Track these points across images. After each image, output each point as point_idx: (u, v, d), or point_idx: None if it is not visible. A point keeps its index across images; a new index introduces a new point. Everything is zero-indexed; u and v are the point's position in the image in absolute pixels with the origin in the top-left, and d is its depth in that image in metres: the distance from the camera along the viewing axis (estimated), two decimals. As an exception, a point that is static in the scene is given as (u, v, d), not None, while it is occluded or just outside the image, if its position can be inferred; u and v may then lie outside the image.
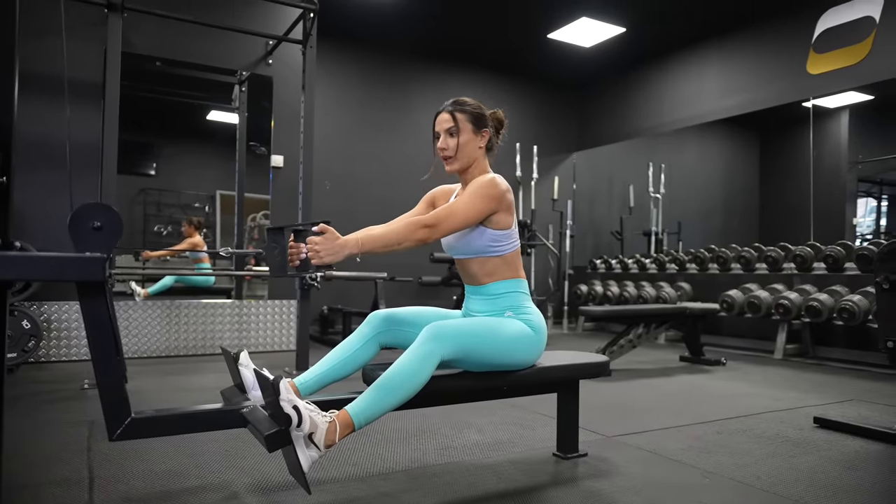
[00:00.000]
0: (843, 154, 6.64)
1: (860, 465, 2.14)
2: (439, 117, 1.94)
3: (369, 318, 1.93)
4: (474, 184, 1.84)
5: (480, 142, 1.94)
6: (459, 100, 1.95)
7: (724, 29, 6.09)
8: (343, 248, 1.62)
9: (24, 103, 4.05)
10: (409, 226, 1.72)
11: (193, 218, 5.51)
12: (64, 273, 1.29)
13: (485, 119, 1.95)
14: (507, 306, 1.91)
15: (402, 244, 1.71)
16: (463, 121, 1.91)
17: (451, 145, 1.90)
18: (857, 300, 4.34)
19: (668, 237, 7.50)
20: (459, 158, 1.91)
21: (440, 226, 1.74)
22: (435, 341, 1.66)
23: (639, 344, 4.16)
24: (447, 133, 1.91)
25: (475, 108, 1.94)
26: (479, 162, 1.95)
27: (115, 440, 1.46)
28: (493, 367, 1.84)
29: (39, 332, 3.70)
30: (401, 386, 1.61)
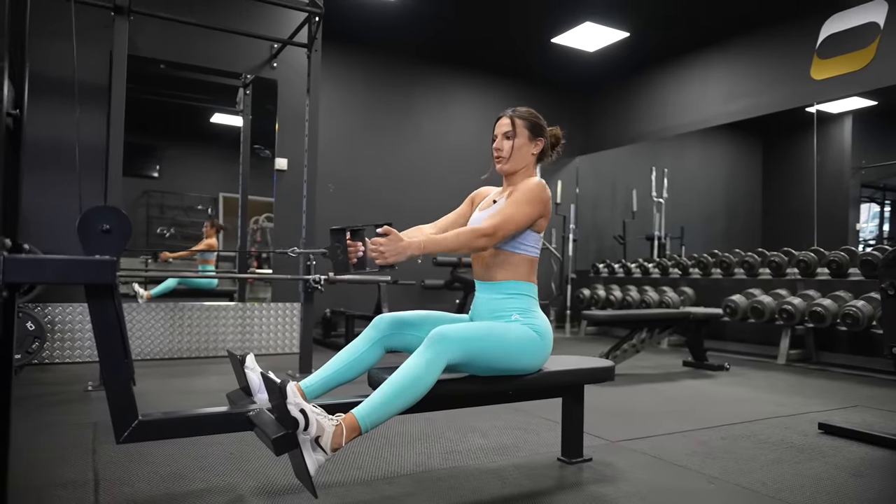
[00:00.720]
0: (847, 159, 6.63)
1: (866, 471, 2.13)
2: (499, 121, 2.04)
3: (375, 321, 1.93)
4: (525, 188, 1.91)
5: (534, 149, 2.02)
6: (519, 108, 2.06)
7: (728, 34, 6.10)
8: (406, 249, 1.68)
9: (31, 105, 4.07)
10: (470, 234, 1.80)
11: (216, 220, 5.53)
12: (74, 276, 1.29)
13: (542, 129, 2.04)
14: (515, 307, 1.91)
15: (461, 250, 1.81)
16: (520, 126, 2.00)
17: (505, 147, 1.99)
18: (860, 306, 4.34)
19: (671, 242, 7.49)
20: (511, 160, 1.99)
21: (498, 233, 1.83)
22: (441, 345, 1.66)
23: (642, 349, 4.15)
24: (504, 136, 2.00)
25: (533, 116, 2.04)
26: (529, 168, 2.04)
27: (122, 442, 1.46)
28: (499, 372, 1.84)
29: (43, 333, 3.71)
30: (407, 390, 1.61)
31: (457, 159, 6.81)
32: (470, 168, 6.87)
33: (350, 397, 1.75)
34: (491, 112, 7.02)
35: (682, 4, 5.57)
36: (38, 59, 4.06)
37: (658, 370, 4.38)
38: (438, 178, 6.70)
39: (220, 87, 5.43)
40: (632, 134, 7.25)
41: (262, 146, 5.36)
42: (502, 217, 1.84)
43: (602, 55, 6.56)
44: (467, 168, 6.87)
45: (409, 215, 6.44)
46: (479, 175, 6.84)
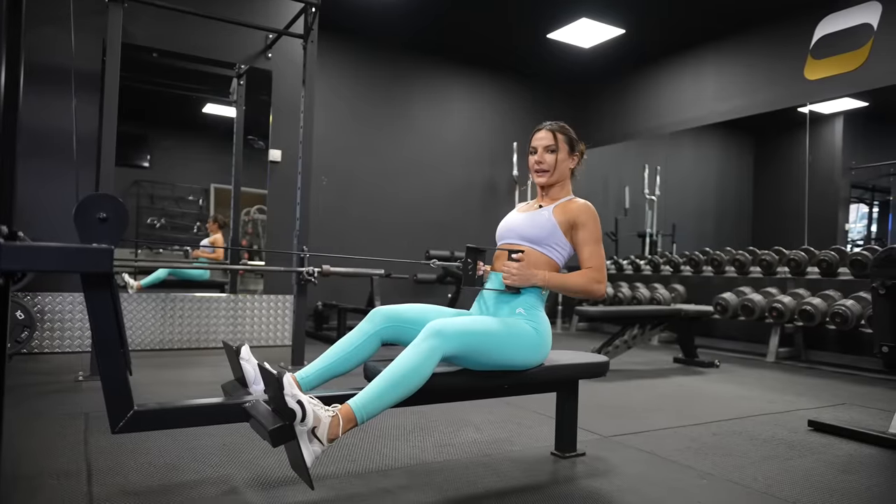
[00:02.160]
0: (837, 160, 6.67)
1: (855, 468, 2.16)
2: (539, 134, 2.10)
3: (371, 314, 1.93)
4: (591, 220, 1.99)
5: (571, 163, 2.11)
6: (556, 123, 2.13)
7: (723, 32, 6.11)
8: (532, 278, 1.89)
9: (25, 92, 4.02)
10: (589, 280, 1.95)
11: (218, 216, 5.50)
12: (71, 264, 1.28)
13: (577, 144, 2.13)
14: (522, 302, 1.94)
15: (579, 293, 1.97)
16: (562, 141, 2.07)
17: (549, 161, 2.06)
18: (850, 305, 4.38)
19: (663, 239, 7.52)
20: (554, 173, 2.06)
21: (604, 281, 1.99)
22: (437, 338, 1.67)
23: (633, 345, 4.18)
24: (546, 149, 2.07)
25: (572, 133, 2.12)
26: (566, 182, 2.12)
27: (117, 432, 1.45)
28: (495, 367, 1.85)
29: (33, 322, 3.68)
30: (403, 381, 1.61)
31: (451, 153, 6.80)
32: (463, 163, 6.87)
33: (346, 389, 1.75)
34: (485, 106, 7.01)
35: (677, 2, 5.58)
36: (31, 45, 4.00)
37: (649, 366, 4.40)
38: (433, 171, 6.69)
39: (213, 77, 5.38)
40: (625, 131, 7.27)
41: (256, 137, 5.32)
42: (601, 261, 1.98)
43: (597, 52, 6.56)
44: (461, 163, 6.87)
45: (403, 207, 6.46)
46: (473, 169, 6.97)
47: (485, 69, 7.03)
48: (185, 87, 5.52)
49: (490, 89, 7.06)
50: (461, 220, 6.74)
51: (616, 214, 7.65)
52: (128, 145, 5.51)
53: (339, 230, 6.04)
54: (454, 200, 6.79)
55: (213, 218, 5.51)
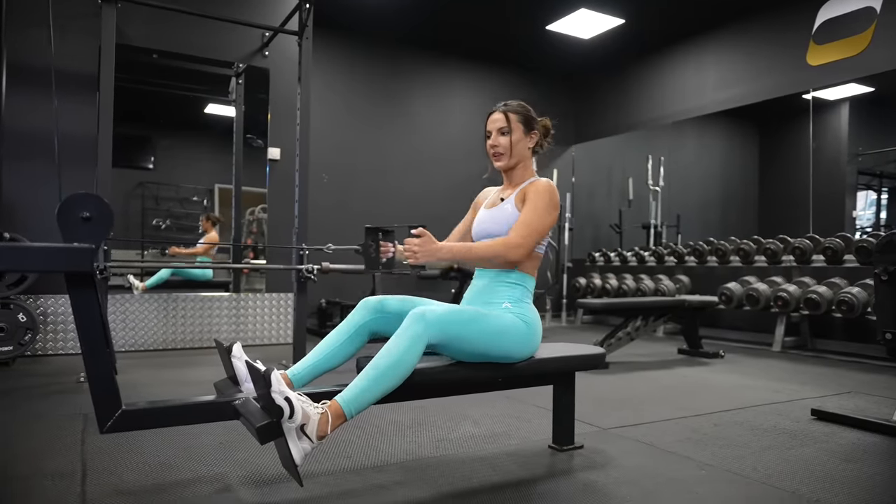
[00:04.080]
0: (843, 146, 6.60)
1: (858, 456, 2.13)
2: (492, 116, 2.04)
3: (360, 304, 1.92)
4: (541, 194, 1.92)
5: (529, 142, 2.05)
6: (511, 102, 2.06)
7: (724, 20, 6.05)
8: (438, 252, 1.76)
9: (20, 94, 4.03)
10: (504, 245, 1.85)
11: (211, 214, 5.49)
12: (52, 264, 1.27)
13: (535, 121, 2.06)
14: (508, 296, 1.93)
15: (495, 260, 1.87)
16: (515, 121, 2.01)
17: (503, 143, 2.01)
18: (856, 292, 4.33)
19: (668, 230, 7.47)
20: (511, 156, 2.01)
21: (528, 244, 1.88)
22: (419, 324, 1.65)
23: (637, 336, 4.15)
24: (499, 132, 2.02)
25: (525, 110, 2.06)
26: (527, 162, 2.07)
27: (105, 432, 1.45)
28: (482, 358, 1.82)
29: (36, 325, 3.69)
30: (388, 372, 1.60)
31: (451, 147, 6.78)
32: (464, 156, 6.84)
33: (337, 385, 1.74)
34: (486, 100, 6.97)
35: (677, -10, 5.54)
36: (25, 48, 4.02)
37: (653, 358, 4.37)
38: (433, 167, 6.67)
39: (212, 77, 5.38)
40: (628, 122, 7.22)
41: (255, 136, 5.32)
42: (530, 227, 1.88)
43: (597, 42, 6.51)
44: (462, 156, 6.84)
45: (405, 203, 6.44)
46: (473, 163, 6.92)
47: (484, 63, 6.99)
48: (185, 88, 5.52)
49: (490, 83, 7.03)
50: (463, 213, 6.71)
51: (620, 206, 7.61)
52: (131, 147, 5.53)
53: (341, 227, 6.02)
54: (455, 194, 6.74)
55: (205, 216, 5.49)
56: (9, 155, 4.00)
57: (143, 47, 4.57)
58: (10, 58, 3.87)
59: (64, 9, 4.08)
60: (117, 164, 5.44)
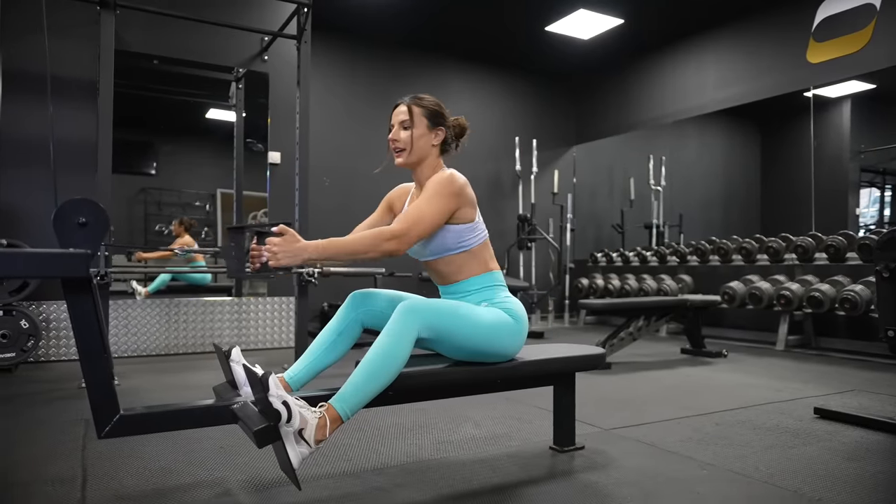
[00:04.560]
0: (846, 144, 6.59)
1: (861, 455, 2.12)
2: (395, 109, 1.93)
3: (350, 298, 1.93)
4: (432, 183, 1.81)
5: (434, 139, 1.92)
6: (419, 95, 1.94)
7: (724, 18, 6.04)
8: (303, 252, 1.60)
9: (20, 101, 4.05)
10: (377, 236, 1.68)
11: (184, 218, 5.46)
12: (47, 270, 1.28)
13: (442, 118, 1.93)
14: (482, 300, 1.90)
15: (369, 254, 1.67)
16: (418, 115, 1.89)
17: (403, 138, 1.89)
18: (858, 290, 4.31)
19: (670, 230, 7.46)
20: (411, 152, 1.89)
21: (409, 234, 1.71)
22: (408, 316, 1.64)
23: (639, 337, 4.14)
24: (401, 125, 1.90)
25: (433, 104, 1.93)
26: (431, 160, 1.93)
27: (103, 437, 1.45)
28: (472, 352, 1.81)
29: (38, 331, 3.70)
30: (381, 369, 1.59)
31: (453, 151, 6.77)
32: (466, 157, 6.82)
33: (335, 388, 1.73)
34: (485, 102, 6.98)
35: (676, -10, 5.54)
36: (26, 55, 4.04)
37: (656, 358, 4.36)
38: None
39: (213, 82, 5.39)
40: (628, 122, 7.21)
41: (255, 140, 5.33)
42: (412, 217, 1.73)
43: (596, 43, 6.51)
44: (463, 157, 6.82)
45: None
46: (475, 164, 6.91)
47: (484, 65, 6.99)
48: (186, 93, 5.53)
49: (490, 85, 7.03)
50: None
51: (622, 206, 7.60)
52: (134, 153, 5.54)
53: (343, 230, 6.03)
54: (457, 197, 6.76)
55: (178, 220, 5.36)
56: (9, 162, 4.02)
57: (144, 53, 4.59)
58: (9, 64, 3.89)
59: (64, 16, 4.11)
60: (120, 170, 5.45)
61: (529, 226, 6.58)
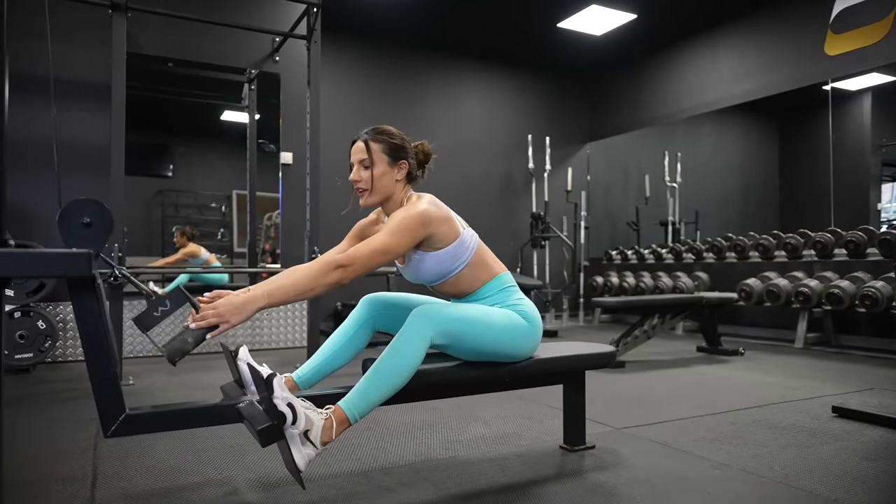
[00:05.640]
0: (867, 138, 6.45)
1: (880, 455, 2.06)
2: (354, 147, 1.84)
3: (362, 301, 1.92)
4: (395, 217, 1.72)
5: (398, 174, 1.83)
6: (377, 128, 1.84)
7: (738, 11, 5.95)
8: (251, 304, 1.53)
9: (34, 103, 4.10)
10: (321, 268, 1.59)
11: (185, 228, 5.46)
12: (51, 269, 1.28)
13: (403, 150, 1.84)
14: (494, 303, 1.87)
15: (315, 289, 1.58)
16: (377, 152, 1.80)
17: (364, 177, 1.80)
18: (879, 286, 4.22)
19: (686, 226, 7.37)
20: (374, 192, 1.81)
21: (355, 264, 1.61)
22: (423, 322, 1.62)
23: (653, 335, 4.08)
24: (361, 164, 1.81)
25: (393, 137, 1.83)
26: (397, 195, 1.84)
27: (110, 436, 1.45)
28: (486, 356, 1.79)
29: (55, 332, 3.75)
30: (392, 374, 1.58)
31: (465, 148, 6.75)
32: (478, 156, 6.82)
33: (343, 387, 1.73)
34: (498, 99, 6.95)
35: (690, -17, 5.47)
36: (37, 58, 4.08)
37: (671, 356, 4.31)
38: (448, 167, 6.64)
39: (226, 84, 5.43)
40: (643, 118, 7.13)
41: (268, 141, 5.36)
42: (366, 246, 1.64)
43: (609, 39, 6.45)
44: (476, 156, 6.81)
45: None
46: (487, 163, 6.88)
47: (496, 63, 6.96)
48: (200, 95, 5.58)
49: (502, 83, 6.99)
50: (478, 214, 6.69)
51: (637, 203, 7.52)
52: (151, 156, 5.60)
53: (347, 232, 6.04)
54: (470, 195, 6.74)
55: (180, 230, 5.31)
56: (22, 164, 4.07)
57: (157, 56, 4.63)
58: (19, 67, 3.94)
59: (77, 19, 4.15)
60: (137, 172, 5.49)
61: (543, 224, 6.54)
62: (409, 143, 1.88)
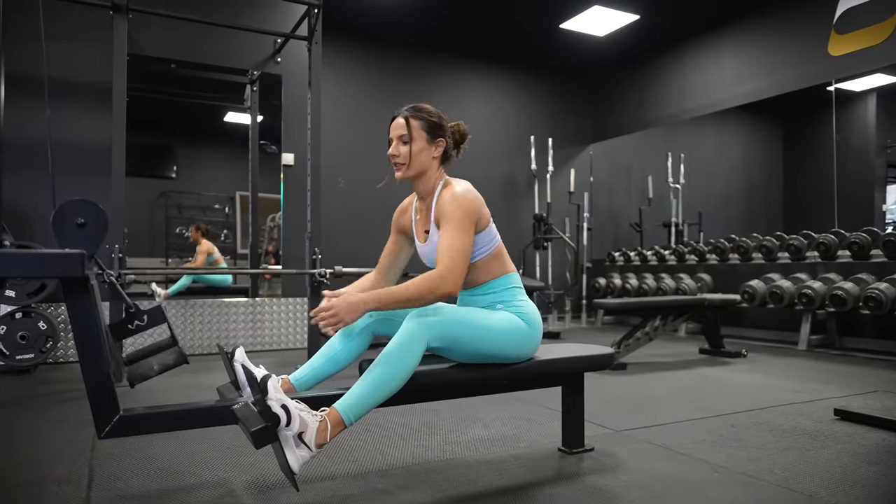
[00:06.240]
0: (872, 138, 6.42)
1: (881, 458, 2.05)
2: (393, 122, 1.88)
3: None
4: (450, 206, 1.76)
5: (434, 151, 1.88)
6: (417, 106, 1.89)
7: (742, 11, 5.93)
8: (362, 305, 1.62)
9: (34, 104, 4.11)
10: (428, 283, 1.65)
11: (200, 224, 5.51)
12: (43, 270, 1.28)
13: (441, 129, 1.89)
14: (498, 301, 1.88)
15: (425, 300, 1.66)
16: (417, 128, 1.85)
17: (402, 153, 1.85)
18: (883, 288, 4.20)
19: (689, 228, 7.35)
20: (411, 167, 1.86)
21: (455, 273, 1.68)
22: (418, 328, 1.62)
23: (655, 337, 4.07)
24: (400, 140, 1.85)
25: (432, 115, 1.88)
26: (432, 172, 1.89)
27: (104, 437, 1.45)
28: (484, 359, 1.79)
29: (56, 333, 3.75)
30: (388, 377, 1.58)
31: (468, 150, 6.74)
32: (481, 157, 6.80)
33: (339, 389, 1.72)
34: (501, 100, 6.94)
35: (693, -16, 5.45)
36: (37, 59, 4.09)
37: (673, 358, 4.29)
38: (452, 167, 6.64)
39: (229, 85, 5.44)
40: (646, 119, 7.11)
41: (270, 142, 5.36)
42: (452, 251, 1.69)
43: (612, 39, 6.44)
44: (478, 157, 6.80)
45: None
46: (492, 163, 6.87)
47: (498, 64, 6.95)
48: (203, 97, 5.59)
49: (504, 84, 6.98)
50: (480, 216, 6.67)
51: (640, 205, 7.49)
52: (154, 157, 5.62)
53: (357, 233, 6.04)
54: (473, 197, 6.73)
55: (195, 226, 5.42)
56: (24, 165, 4.08)
57: (160, 57, 4.64)
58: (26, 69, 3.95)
59: (80, 21, 4.16)
60: (141, 173, 5.49)
61: (545, 225, 6.52)
62: (447, 123, 1.93)
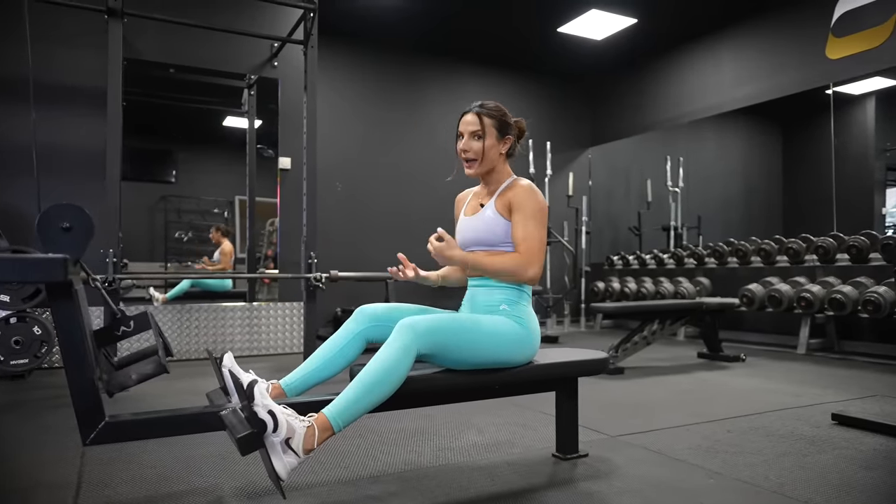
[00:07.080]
0: (871, 142, 6.43)
1: (878, 463, 2.02)
2: (465, 118, 1.94)
3: (356, 313, 1.90)
4: (526, 201, 1.85)
5: (503, 147, 1.95)
6: (487, 103, 1.96)
7: (739, 15, 5.93)
8: (454, 257, 1.79)
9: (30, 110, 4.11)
10: (516, 265, 1.80)
11: (220, 225, 5.55)
12: (27, 274, 1.26)
13: (509, 126, 1.96)
14: (504, 298, 1.86)
15: (508, 277, 1.82)
16: (489, 126, 1.91)
17: (475, 148, 1.91)
18: (882, 292, 4.18)
19: (688, 231, 7.33)
20: (483, 163, 1.92)
21: (535, 264, 1.82)
22: (408, 335, 1.61)
23: (653, 341, 4.05)
24: (472, 136, 1.92)
25: (502, 114, 1.95)
26: (499, 167, 1.96)
27: (88, 444, 1.44)
28: (478, 365, 1.78)
29: (51, 338, 3.73)
30: (377, 384, 1.56)
31: (466, 154, 6.74)
32: (479, 162, 6.80)
33: (329, 394, 1.71)
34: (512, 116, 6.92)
35: (690, -13, 5.45)
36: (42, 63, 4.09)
37: (671, 362, 4.27)
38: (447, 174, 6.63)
39: (226, 89, 5.45)
40: (644, 123, 7.11)
41: (267, 146, 5.35)
42: (534, 242, 1.83)
43: (610, 43, 6.44)
44: (477, 162, 6.79)
45: (421, 209, 6.41)
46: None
47: (496, 67, 6.95)
48: (201, 101, 5.59)
49: (502, 87, 6.98)
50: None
51: (639, 208, 7.48)
52: (154, 162, 5.62)
53: (355, 236, 6.03)
54: (471, 201, 6.72)
55: (216, 227, 5.58)
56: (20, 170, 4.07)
57: (158, 62, 4.63)
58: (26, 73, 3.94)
59: (76, 25, 4.16)
60: (141, 178, 5.49)
61: (544, 229, 6.50)
62: (512, 120, 1.98)
